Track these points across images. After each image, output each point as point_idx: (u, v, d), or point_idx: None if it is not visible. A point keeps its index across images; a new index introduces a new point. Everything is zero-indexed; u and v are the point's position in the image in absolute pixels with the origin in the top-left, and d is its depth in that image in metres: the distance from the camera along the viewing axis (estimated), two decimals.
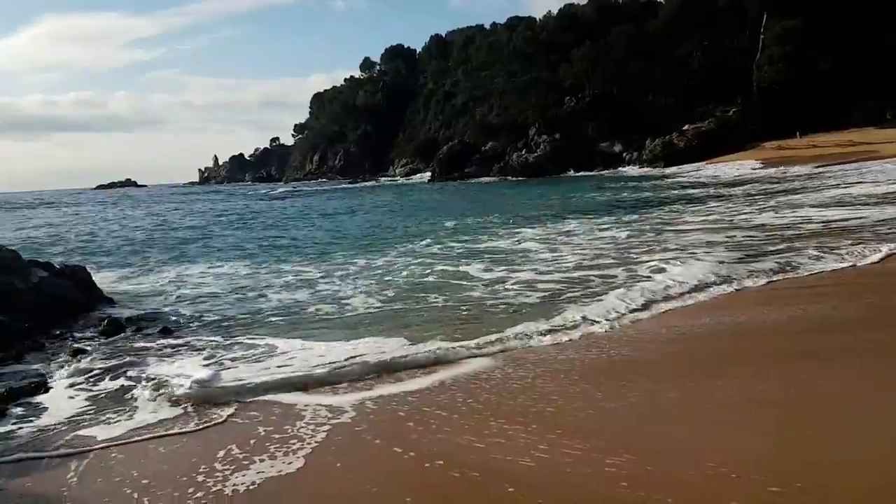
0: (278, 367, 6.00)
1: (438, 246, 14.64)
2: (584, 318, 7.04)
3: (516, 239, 15.01)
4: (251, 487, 3.74)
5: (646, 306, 7.53)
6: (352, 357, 6.04)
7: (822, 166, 31.84)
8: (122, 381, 5.85)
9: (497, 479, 3.61)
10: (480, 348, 6.14)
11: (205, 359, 6.45)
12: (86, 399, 5.45)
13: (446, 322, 7.38)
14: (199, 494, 3.67)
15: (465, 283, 9.85)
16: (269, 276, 11.52)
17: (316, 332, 7.26)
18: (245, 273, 12.18)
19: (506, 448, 3.99)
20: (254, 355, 6.46)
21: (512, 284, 9.40)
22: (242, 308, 8.91)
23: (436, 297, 8.84)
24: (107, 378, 5.96)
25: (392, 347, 6.33)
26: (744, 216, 16.32)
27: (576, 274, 9.88)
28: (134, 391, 5.56)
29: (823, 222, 13.69)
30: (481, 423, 4.40)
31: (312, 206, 35.24)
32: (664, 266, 9.70)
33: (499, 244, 14.30)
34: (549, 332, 6.64)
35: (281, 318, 8.16)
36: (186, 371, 5.84)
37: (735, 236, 12.66)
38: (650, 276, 9.12)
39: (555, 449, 3.92)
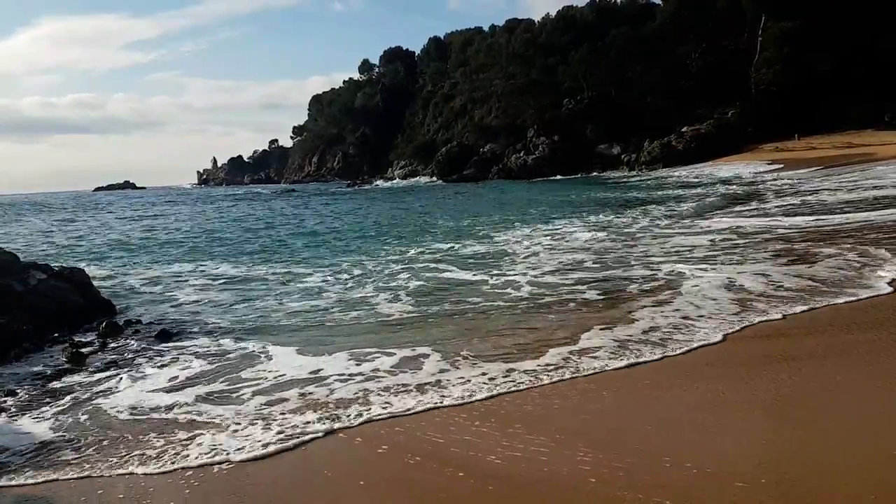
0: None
1: (440, 247, 14.64)
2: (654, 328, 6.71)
3: (525, 240, 15.04)
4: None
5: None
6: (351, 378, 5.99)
7: (827, 167, 31.74)
8: (112, 386, 5.84)
9: None
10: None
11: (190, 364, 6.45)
12: (75, 402, 5.44)
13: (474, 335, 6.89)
14: None
15: (474, 287, 9.82)
16: (270, 279, 11.49)
17: (317, 340, 7.19)
18: (235, 275, 12.15)
19: None
20: (247, 367, 6.40)
21: (525, 287, 9.36)
22: (242, 312, 8.88)
23: (449, 304, 8.70)
24: (99, 383, 5.95)
25: (430, 367, 5.91)
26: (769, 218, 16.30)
27: (597, 274, 9.88)
28: (122, 393, 5.58)
29: (804, 226, 13.68)
30: None
31: (311, 209, 35.18)
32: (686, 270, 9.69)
33: (506, 245, 14.30)
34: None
35: (282, 323, 8.11)
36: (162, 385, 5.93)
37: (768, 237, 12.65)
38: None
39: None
